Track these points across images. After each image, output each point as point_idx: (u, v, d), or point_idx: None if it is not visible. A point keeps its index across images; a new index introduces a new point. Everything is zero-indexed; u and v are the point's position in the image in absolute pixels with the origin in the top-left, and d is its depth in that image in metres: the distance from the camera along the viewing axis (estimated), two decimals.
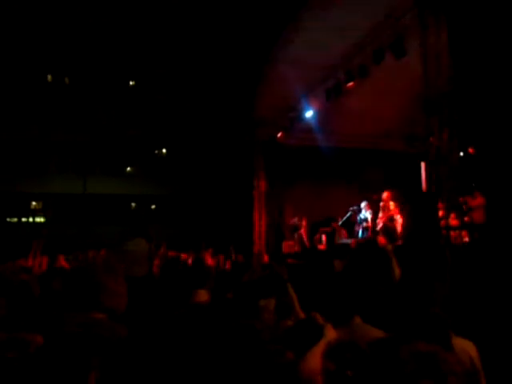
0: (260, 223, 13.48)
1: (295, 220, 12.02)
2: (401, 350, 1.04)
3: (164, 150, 24.09)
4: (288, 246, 12.24)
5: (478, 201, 7.92)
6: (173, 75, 22.47)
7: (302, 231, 11.70)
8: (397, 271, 3.54)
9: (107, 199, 22.15)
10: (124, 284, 1.97)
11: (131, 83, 23.24)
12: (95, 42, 20.85)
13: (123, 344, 1.61)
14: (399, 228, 9.10)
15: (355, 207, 10.81)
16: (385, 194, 9.68)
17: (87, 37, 20.37)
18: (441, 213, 6.23)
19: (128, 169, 23.61)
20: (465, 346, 2.19)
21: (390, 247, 4.01)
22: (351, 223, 11.01)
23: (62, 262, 12.23)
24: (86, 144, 21.88)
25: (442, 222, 6.34)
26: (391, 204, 9.52)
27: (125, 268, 5.46)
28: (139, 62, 21.99)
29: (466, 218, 7.38)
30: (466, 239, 6.59)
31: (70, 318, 1.64)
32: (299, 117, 11.20)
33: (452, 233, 6.34)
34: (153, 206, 23.62)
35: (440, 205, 6.21)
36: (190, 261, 12.36)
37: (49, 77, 22.29)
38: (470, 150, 8.59)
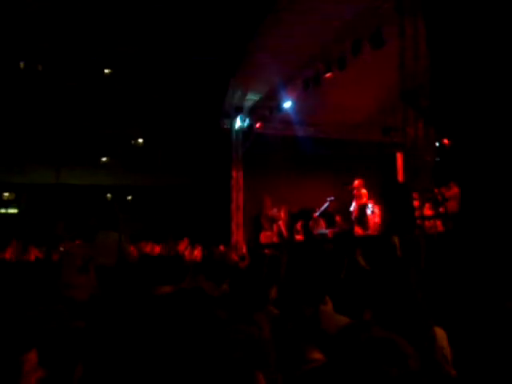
0: (238, 214, 13.46)
1: (274, 211, 12.04)
2: (361, 337, 1.04)
3: (140, 140, 23.74)
4: (266, 237, 12.26)
5: (452, 191, 8.06)
6: (149, 64, 22.11)
7: (281, 223, 11.74)
8: (361, 262, 3.58)
9: (82, 190, 21.75)
10: (86, 275, 1.96)
11: (106, 71, 22.77)
12: (69, 29, 20.32)
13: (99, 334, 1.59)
14: (372, 216, 9.22)
15: (333, 197, 10.90)
16: (356, 182, 9.79)
17: (61, 23, 19.84)
18: (416, 203, 6.31)
19: (103, 159, 23.19)
20: (437, 334, 2.23)
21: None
22: (330, 213, 11.10)
23: (36, 253, 12.01)
24: (59, 134, 21.38)
25: (417, 212, 6.42)
26: (363, 192, 9.64)
27: (94, 259, 5.42)
28: (114, 49, 21.55)
29: (441, 209, 7.51)
30: (441, 229, 6.70)
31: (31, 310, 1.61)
32: (278, 107, 11.16)
33: (427, 223, 6.44)
34: (129, 197, 23.30)
35: (415, 195, 6.29)
36: (161, 251, 12.30)
37: (21, 64, 21.64)
38: (445, 141, 8.71)
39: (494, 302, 1.87)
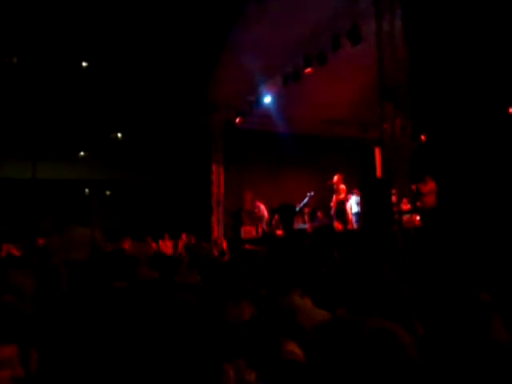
0: (218, 209, 13.43)
1: (257, 210, 12.03)
2: (362, 328, 1.03)
3: (119, 134, 23.43)
4: (247, 232, 12.26)
5: (429, 186, 8.19)
6: (128, 57, 21.77)
7: (264, 221, 11.77)
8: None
9: (59, 185, 21.38)
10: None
11: (84, 64, 22.36)
12: (45, 20, 19.84)
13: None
14: (350, 211, 9.32)
15: (313, 193, 10.96)
16: (335, 177, 9.88)
17: (36, 15, 19.37)
18: (394, 198, 6.39)
19: (81, 153, 22.82)
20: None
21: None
22: (311, 208, 11.17)
23: (13, 250, 11.76)
24: (35, 127, 20.94)
25: (395, 207, 6.51)
26: (341, 187, 9.74)
27: (64, 254, 5.39)
28: (92, 42, 21.15)
29: (417, 203, 7.62)
30: (418, 223, 6.81)
31: None
32: (257, 102, 11.15)
33: (404, 217, 6.53)
34: (108, 192, 23.00)
35: (393, 190, 6.37)
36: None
37: None
38: (422, 138, 8.85)
39: (467, 295, 1.90)
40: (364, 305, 1.93)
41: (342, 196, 9.81)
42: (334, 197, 9.98)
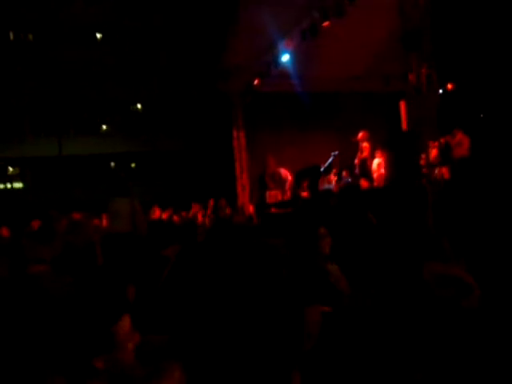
0: (242, 175, 13.39)
1: (280, 174, 11.93)
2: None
3: (139, 106, 23.43)
4: (272, 196, 12.23)
5: (457, 138, 7.91)
6: (142, 26, 21.50)
7: (288, 184, 11.70)
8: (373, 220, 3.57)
9: (85, 160, 21.69)
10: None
11: (98, 36, 22.21)
12: None
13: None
14: (376, 169, 9.12)
15: (337, 152, 10.76)
16: (360, 135, 9.62)
17: None
18: (422, 151, 6.21)
19: (104, 127, 22.98)
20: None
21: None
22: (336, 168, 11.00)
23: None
24: (57, 104, 21.12)
25: (423, 161, 6.33)
26: (364, 145, 9.50)
27: (108, 226, 5.54)
28: (106, 14, 20.91)
29: (447, 155, 7.39)
30: (447, 176, 6.62)
31: None
32: (275, 61, 10.86)
33: (434, 170, 6.36)
34: (133, 165, 23.25)
35: (421, 143, 6.18)
36: (175, 218, 12.32)
37: (11, 35, 21.11)
38: (449, 86, 8.49)
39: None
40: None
41: (365, 154, 9.57)
42: (358, 155, 9.77)
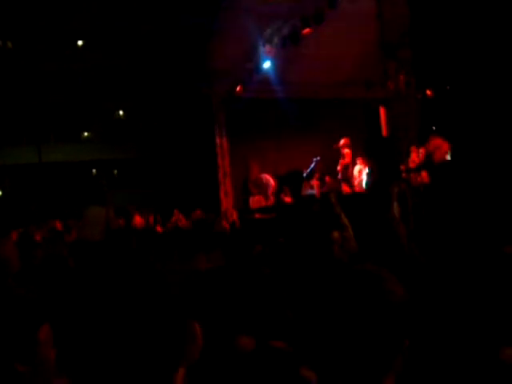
0: (225, 180, 13.37)
1: (264, 181, 11.98)
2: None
3: (121, 112, 23.25)
4: (255, 202, 12.25)
5: (433, 144, 8.02)
6: (124, 32, 21.38)
7: (270, 190, 11.75)
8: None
9: (66, 167, 21.40)
10: None
11: (79, 43, 22.02)
12: (37, 3, 19.48)
13: None
14: (357, 175, 9.24)
15: (319, 158, 10.85)
16: (342, 142, 9.75)
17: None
18: (401, 156, 6.30)
19: (85, 134, 22.74)
20: None
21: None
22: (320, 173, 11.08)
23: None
24: (37, 111, 20.83)
25: (403, 166, 6.42)
26: (346, 151, 9.63)
27: (79, 233, 5.47)
28: (87, 20, 20.76)
29: (426, 160, 7.49)
30: (426, 180, 6.72)
31: None
32: (257, 68, 10.91)
33: (412, 175, 6.45)
34: (115, 171, 23.03)
35: (400, 148, 6.26)
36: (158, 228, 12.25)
37: None
38: (428, 92, 8.63)
39: (491, 248, 1.86)
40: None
41: (347, 160, 9.71)
42: (340, 161, 9.89)
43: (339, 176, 9.89)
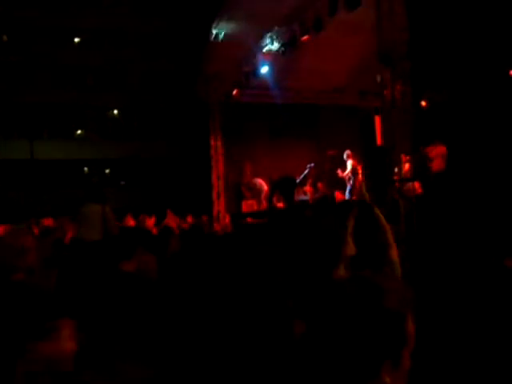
0: (218, 183, 13.34)
1: (256, 184, 11.99)
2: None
3: (116, 112, 23.16)
4: (248, 206, 12.24)
5: (437, 150, 8.03)
6: (122, 32, 21.34)
7: (263, 194, 11.77)
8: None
9: (58, 165, 21.24)
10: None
11: (76, 40, 21.93)
12: None
13: None
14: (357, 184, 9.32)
15: (313, 164, 10.89)
16: (346, 153, 9.91)
17: None
18: (395, 165, 6.31)
19: (78, 132, 22.60)
20: None
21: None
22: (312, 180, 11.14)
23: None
24: (31, 106, 20.68)
25: (396, 176, 6.43)
26: (349, 163, 9.74)
27: (77, 232, 5.36)
28: (85, 17, 20.69)
29: (422, 169, 7.49)
30: (420, 190, 6.73)
31: None
32: (254, 72, 10.93)
33: (406, 184, 6.46)
34: (107, 171, 22.90)
35: (394, 157, 6.28)
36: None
37: None
38: (423, 103, 8.67)
39: (491, 261, 1.86)
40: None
41: (350, 172, 9.91)
42: (340, 171, 10.07)
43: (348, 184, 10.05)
